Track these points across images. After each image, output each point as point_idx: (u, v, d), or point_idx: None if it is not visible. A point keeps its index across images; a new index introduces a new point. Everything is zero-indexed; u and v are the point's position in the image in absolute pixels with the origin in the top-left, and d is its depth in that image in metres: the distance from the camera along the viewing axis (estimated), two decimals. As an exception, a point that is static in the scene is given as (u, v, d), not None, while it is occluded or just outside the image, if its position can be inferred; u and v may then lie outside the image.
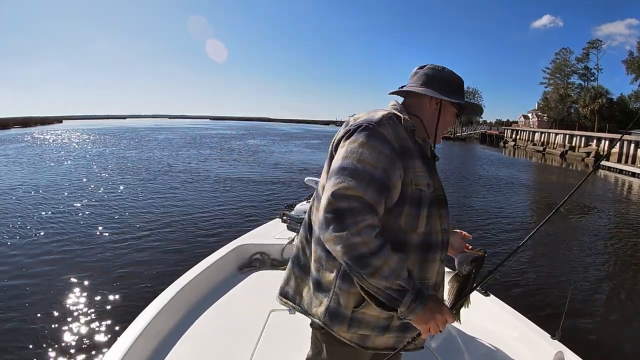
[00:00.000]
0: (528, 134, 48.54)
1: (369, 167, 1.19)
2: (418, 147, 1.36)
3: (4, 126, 65.83)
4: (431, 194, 1.35)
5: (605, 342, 4.72)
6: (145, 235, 7.71)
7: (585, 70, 56.34)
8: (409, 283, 1.18)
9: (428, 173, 1.36)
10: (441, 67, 1.50)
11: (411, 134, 1.36)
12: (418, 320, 1.21)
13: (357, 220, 1.13)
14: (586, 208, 13.20)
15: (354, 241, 1.12)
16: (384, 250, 1.15)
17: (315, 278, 1.40)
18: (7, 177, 15.12)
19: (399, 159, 1.26)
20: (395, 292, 1.17)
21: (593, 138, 34.29)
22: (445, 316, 1.23)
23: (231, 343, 2.46)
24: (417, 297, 1.18)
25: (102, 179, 14.81)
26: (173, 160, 21.52)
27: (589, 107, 50.08)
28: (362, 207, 1.15)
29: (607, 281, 6.68)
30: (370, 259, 1.13)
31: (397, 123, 1.33)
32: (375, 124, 1.27)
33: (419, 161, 1.33)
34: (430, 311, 1.21)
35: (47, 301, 4.98)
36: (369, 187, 1.17)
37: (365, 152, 1.22)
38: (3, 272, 5.91)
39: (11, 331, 4.31)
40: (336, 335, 1.36)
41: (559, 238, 9.21)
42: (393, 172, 1.23)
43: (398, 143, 1.29)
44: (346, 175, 1.18)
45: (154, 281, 5.43)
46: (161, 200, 11.15)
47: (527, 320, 2.56)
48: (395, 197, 1.27)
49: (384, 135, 1.26)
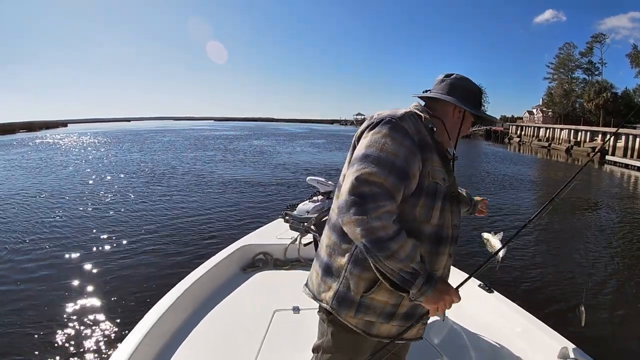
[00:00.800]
0: (533, 129, 48.28)
1: (391, 156, 1.27)
2: (437, 144, 1.44)
3: (10, 131, 66.28)
4: (446, 188, 1.44)
5: (610, 337, 4.69)
6: (150, 236, 7.75)
7: (589, 64, 56.24)
8: (421, 267, 1.27)
9: (445, 169, 1.45)
10: (466, 78, 1.59)
11: (431, 131, 1.44)
12: (428, 301, 1.30)
13: (379, 205, 1.21)
14: (592, 203, 13.13)
15: (374, 225, 1.20)
16: (401, 235, 1.24)
17: (325, 263, 1.48)
18: (12, 180, 15.23)
19: (418, 151, 1.35)
20: (408, 274, 1.25)
21: (598, 133, 34.06)
22: (452, 297, 1.33)
23: (236, 343, 2.47)
24: (427, 280, 1.27)
25: (106, 181, 14.89)
26: (177, 162, 21.58)
27: (594, 102, 49.87)
28: (383, 193, 1.23)
29: (612, 276, 6.63)
30: (388, 242, 1.21)
31: (417, 120, 1.43)
32: (397, 118, 1.37)
33: (436, 156, 1.42)
34: (440, 292, 1.29)
35: (53, 303, 5.01)
36: (390, 174, 1.25)
37: (388, 142, 1.30)
38: (9, 274, 5.95)
39: (17, 334, 4.33)
40: (343, 320, 1.43)
41: (564, 234, 9.18)
42: (413, 162, 1.32)
43: (418, 137, 1.37)
44: (369, 162, 1.26)
45: (159, 282, 5.45)
46: (165, 201, 11.19)
47: (531, 316, 2.56)
48: (413, 186, 1.34)
49: (405, 129, 1.35)
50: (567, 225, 10.16)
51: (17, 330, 4.40)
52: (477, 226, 9.00)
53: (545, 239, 8.57)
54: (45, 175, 16.57)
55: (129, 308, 4.84)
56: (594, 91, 50.53)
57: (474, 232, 8.28)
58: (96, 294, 5.26)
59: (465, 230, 8.52)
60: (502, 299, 2.80)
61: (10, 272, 6.07)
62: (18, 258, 6.64)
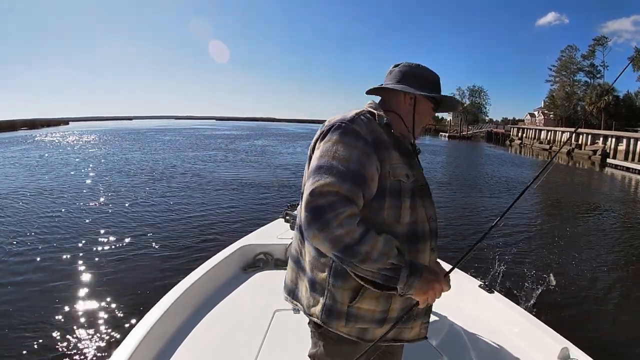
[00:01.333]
0: (534, 132, 48.30)
1: (344, 162, 1.23)
2: (395, 140, 1.39)
3: (11, 128, 66.25)
4: (412, 184, 1.39)
5: (611, 337, 4.71)
6: (150, 236, 7.75)
7: (591, 67, 56.16)
8: (401, 260, 1.23)
9: (407, 165, 1.39)
10: (415, 64, 1.54)
11: (387, 128, 1.39)
12: (417, 292, 1.26)
13: (338, 212, 1.16)
14: (593, 206, 13.15)
15: (337, 233, 1.15)
16: (369, 235, 1.19)
17: (310, 278, 1.44)
18: (10, 178, 15.26)
19: (373, 151, 1.30)
20: (389, 271, 1.22)
21: (599, 136, 34.04)
22: (442, 285, 1.30)
23: (236, 343, 2.46)
24: (412, 271, 1.24)
25: (106, 180, 14.89)
26: (178, 161, 21.61)
27: (595, 105, 49.80)
28: (340, 200, 1.18)
29: (613, 278, 6.64)
30: (357, 247, 1.17)
31: (371, 119, 1.38)
32: (347, 121, 1.32)
33: (395, 153, 1.37)
34: (428, 282, 1.26)
35: (52, 303, 5.00)
36: (345, 181, 1.20)
37: (339, 148, 1.26)
38: (7, 274, 5.93)
39: (15, 335, 4.31)
40: (335, 331, 1.39)
41: (565, 236, 9.18)
42: (369, 165, 1.27)
43: (372, 136, 1.32)
44: (322, 173, 1.22)
45: (159, 282, 5.45)
46: (165, 201, 11.19)
47: (532, 316, 2.56)
48: (374, 189, 1.29)
49: (356, 131, 1.30)
50: (568, 227, 10.16)
51: (15, 330, 4.39)
52: (475, 224, 9.03)
53: (546, 241, 8.57)
54: (44, 174, 16.57)
55: (129, 308, 4.84)
56: (595, 94, 50.53)
57: (471, 232, 8.31)
58: (95, 294, 5.25)
59: (464, 230, 8.57)
60: (502, 299, 2.80)
61: (9, 272, 6.05)
62: (16, 258, 6.63)
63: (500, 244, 8.06)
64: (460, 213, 10.82)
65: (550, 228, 9.91)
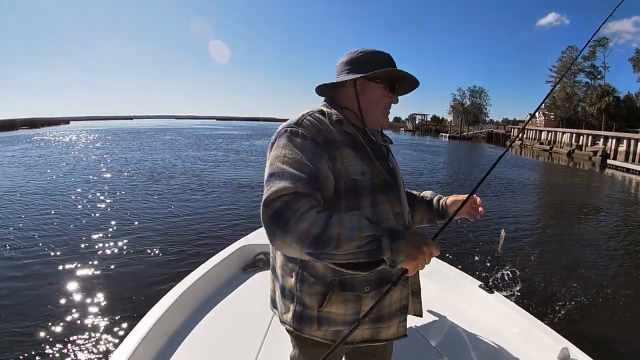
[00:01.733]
0: (535, 132, 48.26)
1: (295, 165, 1.20)
2: (348, 137, 1.35)
3: (11, 127, 66.24)
4: (371, 181, 1.33)
5: (611, 338, 4.71)
6: (150, 236, 7.76)
7: (592, 68, 56.15)
8: (375, 229, 1.13)
9: (365, 161, 1.34)
10: (356, 50, 1.45)
11: (338, 125, 1.35)
12: (407, 258, 1.14)
13: (295, 209, 1.11)
14: (593, 207, 13.14)
15: (301, 228, 1.09)
16: (333, 218, 1.12)
17: (281, 285, 1.43)
18: (9, 177, 15.26)
19: (323, 150, 1.26)
20: (369, 244, 1.11)
21: (600, 137, 33.98)
22: (430, 248, 1.16)
23: (236, 343, 2.46)
24: (393, 237, 1.13)
25: (105, 180, 14.89)
26: (178, 161, 21.59)
27: (596, 106, 49.81)
28: (296, 197, 1.13)
29: (613, 278, 6.63)
30: (326, 232, 1.09)
31: (320, 119, 1.34)
32: (294, 124, 1.29)
33: (348, 151, 1.32)
34: (415, 244, 1.14)
35: (51, 303, 5.00)
36: (299, 182, 1.16)
37: (287, 153, 1.23)
38: (4, 274, 5.91)
39: (14, 334, 4.32)
40: (309, 337, 1.38)
41: (565, 236, 9.19)
42: (320, 164, 1.23)
43: (321, 136, 1.28)
44: (274, 180, 1.18)
45: (159, 282, 5.46)
46: (165, 201, 11.19)
47: (532, 317, 2.55)
48: (330, 187, 1.26)
49: (302, 134, 1.26)
50: (568, 228, 10.18)
51: (14, 330, 4.39)
52: (474, 223, 9.02)
53: (546, 241, 8.57)
54: (42, 173, 16.59)
55: (129, 308, 4.84)
56: (596, 95, 50.51)
57: (469, 233, 8.30)
58: (95, 294, 5.25)
59: (462, 230, 8.56)
60: (502, 300, 2.80)
61: (7, 271, 6.04)
62: (15, 258, 6.62)
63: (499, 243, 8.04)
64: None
65: (551, 229, 9.92)
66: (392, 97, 1.46)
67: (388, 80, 1.43)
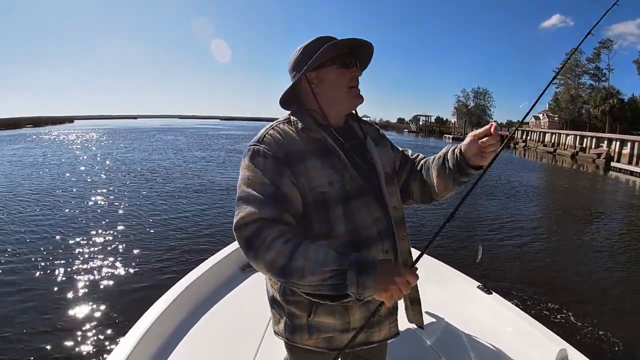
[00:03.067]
0: (538, 134, 48.13)
1: (258, 187, 1.19)
2: (315, 144, 1.29)
3: (16, 125, 66.58)
4: (342, 189, 1.27)
5: (609, 339, 4.69)
6: (149, 235, 7.78)
7: (596, 70, 56.05)
8: (342, 262, 1.09)
9: (335, 167, 1.27)
10: (297, 48, 1.37)
11: (305, 132, 1.29)
12: (377, 292, 1.08)
13: (263, 238, 1.12)
14: (595, 209, 13.11)
15: (268, 258, 1.11)
16: (300, 249, 1.11)
17: (270, 295, 1.43)
18: (10, 176, 15.32)
19: (286, 167, 1.23)
20: (333, 278, 1.08)
21: (604, 139, 33.85)
22: (405, 277, 1.09)
23: (235, 343, 2.46)
24: (361, 270, 1.08)
25: (106, 179, 14.99)
26: (178, 161, 21.61)
27: (600, 108, 49.67)
28: (264, 225, 1.14)
29: (612, 281, 6.64)
30: (291, 264, 1.10)
31: (284, 130, 1.30)
32: (256, 142, 1.26)
33: (315, 160, 1.26)
34: (385, 277, 1.08)
35: (50, 303, 5.02)
36: (264, 206, 1.16)
37: (250, 174, 1.22)
38: (4, 274, 5.91)
39: (13, 333, 4.32)
40: (301, 345, 1.36)
41: (566, 238, 9.20)
42: (283, 182, 1.21)
43: (283, 151, 1.24)
44: (241, 205, 1.18)
45: (158, 281, 5.49)
46: (165, 200, 11.21)
47: (530, 317, 2.55)
48: (298, 204, 1.24)
49: (263, 152, 1.23)
50: (569, 230, 10.17)
51: (14, 330, 4.39)
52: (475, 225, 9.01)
53: (547, 243, 8.58)
54: (42, 172, 16.73)
55: (128, 307, 4.84)
56: (600, 97, 50.37)
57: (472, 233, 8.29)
58: (94, 293, 5.27)
59: (461, 230, 8.55)
60: (500, 301, 2.79)
61: (6, 271, 6.04)
62: (14, 257, 6.63)
63: (501, 245, 8.06)
64: (464, 216, 10.77)
65: (551, 230, 9.91)
66: (351, 71, 1.34)
67: (339, 58, 1.33)
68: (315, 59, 1.27)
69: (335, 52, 1.32)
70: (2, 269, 6.08)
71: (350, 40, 1.31)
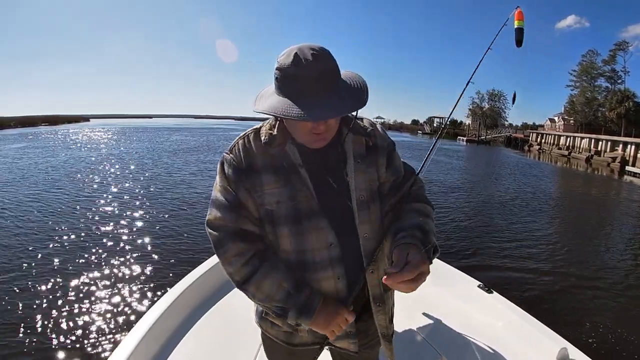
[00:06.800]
0: (553, 137, 47.48)
1: (223, 193, 1.25)
2: (272, 159, 1.23)
3: (32, 123, 67.51)
4: (294, 209, 1.21)
5: (610, 338, 4.68)
6: (149, 235, 7.82)
7: (612, 72, 55.13)
8: (286, 302, 1.21)
9: (290, 185, 1.21)
10: (276, 61, 1.13)
11: (266, 146, 1.23)
12: (316, 328, 1.23)
13: (225, 250, 1.23)
14: (606, 213, 13.01)
15: (228, 271, 1.24)
16: (254, 277, 1.21)
17: None
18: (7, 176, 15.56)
19: (244, 178, 1.22)
20: (277, 310, 1.23)
21: (619, 142, 33.26)
22: (344, 317, 1.22)
23: (235, 343, 2.48)
24: (301, 312, 1.20)
25: (110, 178, 15.17)
26: (182, 161, 21.61)
27: (616, 111, 48.97)
28: (226, 234, 1.23)
29: (613, 281, 6.61)
30: (244, 286, 1.23)
31: (250, 142, 1.25)
32: (227, 151, 1.27)
33: (269, 176, 1.21)
34: (324, 319, 1.21)
35: (50, 303, 5.04)
36: (227, 211, 1.23)
37: (218, 180, 1.27)
38: (5, 273, 5.94)
39: (14, 335, 4.35)
40: (266, 333, 1.45)
41: (568, 239, 9.13)
42: (240, 193, 1.23)
43: (245, 163, 1.23)
44: (211, 206, 1.27)
45: (158, 282, 5.51)
46: (166, 200, 11.29)
47: (531, 317, 2.55)
48: (255, 213, 1.25)
49: (230, 161, 1.25)
50: (575, 232, 10.11)
51: (14, 330, 4.43)
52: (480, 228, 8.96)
53: (547, 242, 8.56)
54: (44, 172, 16.92)
55: (128, 308, 4.87)
56: (616, 100, 49.64)
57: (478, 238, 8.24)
58: (94, 293, 5.30)
59: (461, 230, 8.50)
60: (501, 300, 2.79)
61: (5, 271, 6.06)
62: (14, 257, 6.64)
63: (502, 245, 8.03)
64: (467, 216, 10.72)
65: (553, 231, 9.84)
66: (312, 123, 1.12)
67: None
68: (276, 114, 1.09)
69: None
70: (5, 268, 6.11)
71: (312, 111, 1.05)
